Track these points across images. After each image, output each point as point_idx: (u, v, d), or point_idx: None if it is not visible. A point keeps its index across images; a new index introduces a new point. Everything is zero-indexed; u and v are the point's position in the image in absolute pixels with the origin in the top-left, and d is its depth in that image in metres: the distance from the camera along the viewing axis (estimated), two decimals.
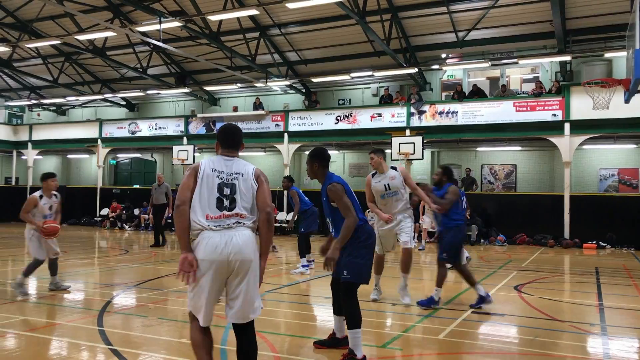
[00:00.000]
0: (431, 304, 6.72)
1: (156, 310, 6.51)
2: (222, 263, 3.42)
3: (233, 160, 3.73)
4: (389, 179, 7.08)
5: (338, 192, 4.51)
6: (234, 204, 3.53)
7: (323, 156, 4.74)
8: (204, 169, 3.60)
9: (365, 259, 4.60)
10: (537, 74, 20.86)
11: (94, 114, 29.38)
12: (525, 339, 5.50)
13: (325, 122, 20.86)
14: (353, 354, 4.34)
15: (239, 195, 3.57)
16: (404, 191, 7.16)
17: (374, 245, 4.77)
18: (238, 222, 3.51)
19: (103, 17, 19.53)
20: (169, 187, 15.21)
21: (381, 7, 17.77)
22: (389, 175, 7.11)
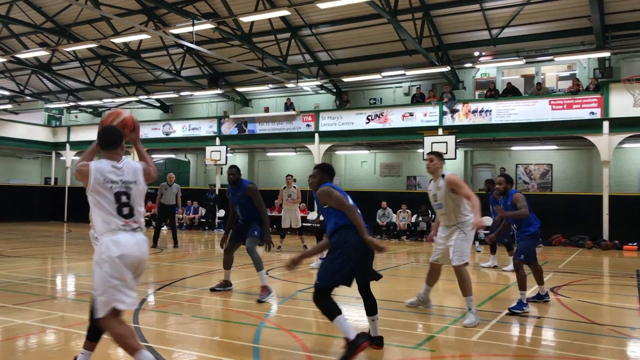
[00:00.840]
0: (522, 307, 6.47)
1: (190, 308, 6.60)
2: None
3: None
4: (436, 189, 6.25)
5: (328, 192, 4.71)
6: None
7: (332, 171, 5.06)
8: None
9: (337, 262, 4.61)
10: (574, 71, 20.36)
11: None
12: (563, 342, 5.37)
13: (356, 122, 20.81)
14: (347, 339, 4.35)
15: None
16: (453, 206, 6.12)
17: (351, 253, 4.64)
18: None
19: (138, 20, 19.93)
20: (179, 187, 14.74)
21: (413, 5, 17.63)
22: (438, 184, 6.23)
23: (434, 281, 6.59)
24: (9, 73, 27.35)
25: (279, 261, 11.88)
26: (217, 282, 7.95)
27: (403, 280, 9.64)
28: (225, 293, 7.68)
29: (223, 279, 7.85)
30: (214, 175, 24.13)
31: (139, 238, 3.82)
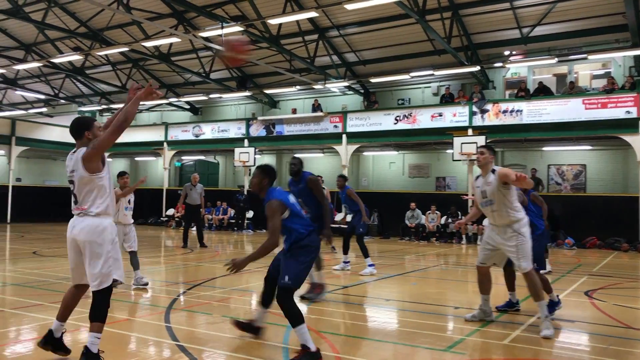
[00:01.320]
0: (556, 306, 6.33)
1: (220, 308, 6.66)
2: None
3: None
4: (486, 185, 5.86)
5: (272, 211, 4.65)
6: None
7: (271, 174, 4.95)
8: None
9: (305, 264, 4.73)
10: (608, 69, 19.86)
11: (160, 118, 30.46)
12: (597, 347, 5.25)
13: (384, 123, 20.72)
14: (307, 347, 4.38)
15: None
16: (505, 202, 5.72)
17: (315, 255, 4.82)
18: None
19: (168, 24, 20.25)
20: (203, 187, 14.80)
21: (441, 4, 17.45)
22: (488, 179, 5.85)
23: (488, 288, 6.07)
24: (44, 77, 28.08)
25: None
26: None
27: (432, 283, 9.55)
28: (249, 294, 7.72)
29: (309, 281, 7.11)
30: (243, 176, 24.32)
31: (76, 221, 4.23)
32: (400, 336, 5.54)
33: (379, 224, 20.85)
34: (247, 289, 8.31)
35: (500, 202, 5.71)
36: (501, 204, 5.71)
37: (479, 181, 6.02)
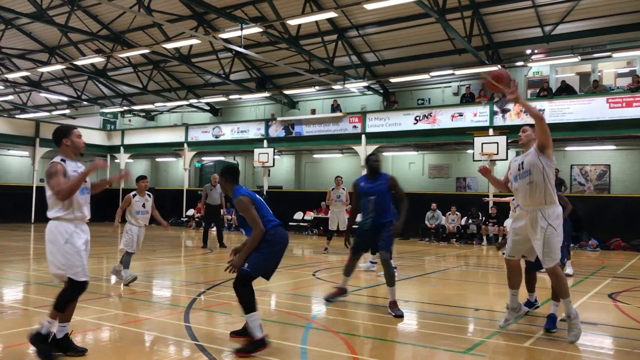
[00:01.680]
0: (531, 307, 6.48)
1: (238, 308, 6.66)
2: None
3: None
4: (525, 156, 5.49)
5: (245, 205, 4.82)
6: None
7: (230, 172, 5.15)
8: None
9: (265, 254, 4.89)
10: (633, 67, 19.48)
11: (180, 119, 30.74)
12: (622, 350, 5.14)
13: (404, 123, 20.61)
14: (253, 337, 4.66)
15: None
16: (544, 177, 5.24)
17: (279, 247, 4.98)
18: None
19: (188, 25, 20.43)
20: None
21: (462, 3, 17.33)
22: (530, 152, 5.47)
23: (518, 282, 5.63)
24: (67, 79, 28.56)
25: (326, 262, 11.90)
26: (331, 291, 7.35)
27: (452, 284, 9.46)
28: (268, 294, 7.74)
29: (338, 287, 7.25)
30: (262, 177, 24.41)
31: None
32: (419, 338, 5.49)
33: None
34: (266, 289, 8.32)
35: (538, 173, 5.23)
36: (539, 176, 5.22)
37: (518, 156, 5.68)
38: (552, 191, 5.27)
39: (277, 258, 5.03)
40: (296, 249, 15.66)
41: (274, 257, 5.01)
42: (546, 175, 5.24)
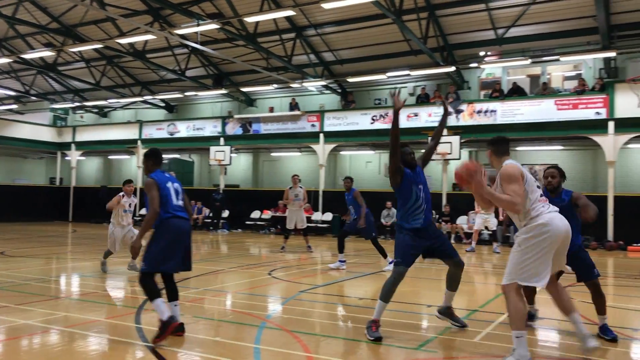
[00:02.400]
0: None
1: (192, 308, 6.60)
2: None
3: None
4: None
5: (148, 187, 5.19)
6: None
7: (156, 155, 5.53)
8: None
9: (158, 246, 5.14)
10: (579, 71, 20.27)
11: (134, 116, 30.09)
12: (565, 343, 5.34)
13: (361, 122, 20.80)
14: (161, 320, 4.91)
15: None
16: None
17: (173, 238, 5.18)
18: None
19: (143, 20, 20.00)
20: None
21: (418, 5, 17.60)
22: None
23: (563, 305, 4.88)
24: (14, 73, 27.48)
25: (282, 261, 11.89)
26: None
27: (406, 281, 9.56)
28: (224, 294, 7.67)
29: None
30: (218, 175, 24.16)
31: None
32: None
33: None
34: (221, 289, 8.26)
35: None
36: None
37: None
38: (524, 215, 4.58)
39: (173, 248, 5.16)
40: (253, 248, 15.58)
41: (170, 248, 5.15)
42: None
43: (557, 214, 4.57)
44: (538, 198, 4.56)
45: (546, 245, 4.42)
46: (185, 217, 5.35)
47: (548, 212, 4.52)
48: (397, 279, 5.35)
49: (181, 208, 5.34)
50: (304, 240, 14.27)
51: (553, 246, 4.46)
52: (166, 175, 5.40)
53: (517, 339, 4.34)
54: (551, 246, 4.45)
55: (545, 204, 4.58)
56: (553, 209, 4.60)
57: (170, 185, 5.31)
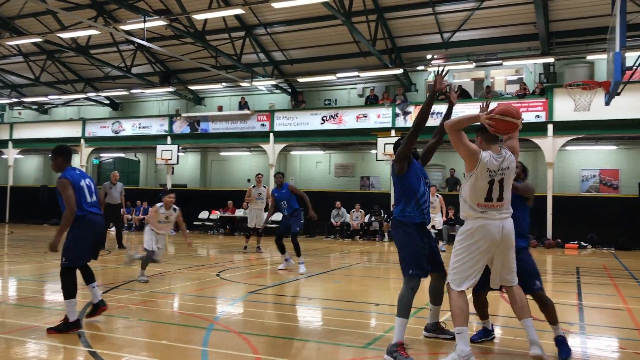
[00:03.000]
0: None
1: (137, 311, 6.45)
2: None
3: None
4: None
5: (62, 186, 5.34)
6: None
7: (65, 152, 5.63)
8: None
9: (75, 241, 5.45)
10: (521, 75, 21.06)
11: (77, 113, 29.07)
12: (507, 338, 5.55)
13: (312, 122, 20.86)
14: (67, 318, 5.29)
15: None
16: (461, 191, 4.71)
17: (88, 232, 5.54)
18: None
19: (86, 15, 19.34)
20: (123, 186, 14.23)
21: (367, 7, 17.81)
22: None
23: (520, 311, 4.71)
24: None
25: (231, 262, 11.78)
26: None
27: (355, 280, 9.72)
28: (171, 297, 7.54)
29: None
30: (165, 174, 23.67)
31: None
32: (322, 335, 5.59)
33: (305, 222, 20.93)
34: (169, 291, 8.10)
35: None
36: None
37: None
38: (464, 207, 4.57)
39: (91, 243, 5.60)
40: (201, 249, 15.35)
41: (88, 243, 5.56)
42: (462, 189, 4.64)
43: (493, 221, 4.37)
44: (482, 201, 4.40)
45: (473, 250, 4.39)
46: (99, 213, 5.71)
47: (484, 217, 4.39)
48: (415, 291, 4.81)
49: (95, 204, 5.64)
50: (254, 241, 14.20)
51: (483, 254, 4.40)
52: (77, 173, 5.57)
53: (458, 334, 4.38)
54: (480, 253, 4.39)
55: (487, 209, 4.39)
56: (491, 215, 4.39)
57: (83, 184, 5.52)
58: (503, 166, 4.44)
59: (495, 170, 4.41)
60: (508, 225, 4.45)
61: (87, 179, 5.60)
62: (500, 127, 4.31)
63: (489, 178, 4.39)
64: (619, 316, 6.77)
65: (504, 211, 4.46)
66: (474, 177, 4.43)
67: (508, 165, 4.49)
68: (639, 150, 19.42)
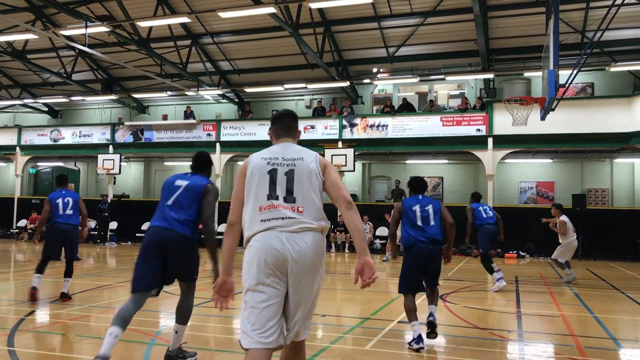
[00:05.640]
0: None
1: (74, 327, 6.19)
2: None
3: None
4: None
5: (45, 201, 7.17)
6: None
7: (60, 179, 7.79)
8: None
9: (48, 243, 7.53)
10: (463, 90, 21.77)
11: (12, 120, 27.80)
12: (449, 347, 5.67)
13: (259, 133, 20.78)
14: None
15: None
16: None
17: (56, 237, 7.72)
18: None
19: (24, 18, 18.57)
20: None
21: (314, 20, 17.98)
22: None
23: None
24: None
25: None
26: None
27: None
28: (111, 311, 7.28)
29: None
30: (107, 184, 22.93)
31: None
32: None
33: None
34: (109, 305, 7.82)
35: None
36: None
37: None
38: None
39: (55, 243, 7.68)
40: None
41: (53, 244, 7.65)
42: None
43: None
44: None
45: None
46: (67, 222, 7.70)
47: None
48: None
49: (67, 216, 7.69)
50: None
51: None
52: (62, 193, 7.84)
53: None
54: None
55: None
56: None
57: (59, 201, 7.68)
58: None
59: None
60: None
61: (67, 197, 7.79)
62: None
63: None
64: (555, 323, 7.06)
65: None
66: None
67: None
68: (572, 163, 20.42)
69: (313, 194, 3.11)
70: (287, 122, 3.61)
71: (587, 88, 20.25)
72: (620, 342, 6.04)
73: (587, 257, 17.01)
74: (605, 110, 17.45)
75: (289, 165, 3.22)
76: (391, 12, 18.19)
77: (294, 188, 3.09)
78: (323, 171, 3.22)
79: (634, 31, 17.80)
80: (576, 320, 7.25)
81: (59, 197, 7.71)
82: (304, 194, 3.09)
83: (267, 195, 3.08)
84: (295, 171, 3.17)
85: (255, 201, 3.08)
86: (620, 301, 9.09)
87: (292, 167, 3.20)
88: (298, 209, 3.05)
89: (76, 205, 7.86)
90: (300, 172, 3.16)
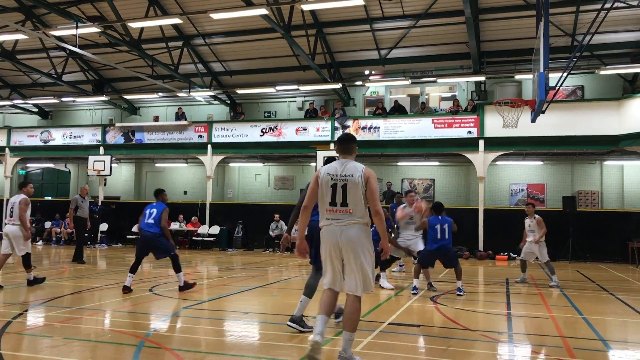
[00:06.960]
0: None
1: (63, 329, 6.14)
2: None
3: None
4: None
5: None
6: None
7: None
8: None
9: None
10: (454, 92, 21.85)
11: (1, 121, 27.62)
12: (439, 349, 5.67)
13: (251, 134, 20.76)
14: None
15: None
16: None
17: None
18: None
19: (13, 18, 18.45)
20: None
21: (306, 22, 18.00)
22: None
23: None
24: None
25: (165, 277, 11.46)
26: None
27: (293, 294, 9.66)
28: (101, 313, 7.24)
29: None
30: (97, 186, 22.81)
31: None
32: (258, 349, 5.52)
33: (244, 235, 20.74)
34: (98, 307, 7.77)
35: None
36: None
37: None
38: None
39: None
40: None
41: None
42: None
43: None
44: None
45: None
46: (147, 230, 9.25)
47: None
48: None
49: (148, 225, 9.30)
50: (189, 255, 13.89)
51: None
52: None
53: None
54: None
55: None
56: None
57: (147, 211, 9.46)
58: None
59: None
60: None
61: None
62: None
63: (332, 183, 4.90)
64: (544, 324, 7.09)
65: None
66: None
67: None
68: (563, 165, 20.55)
69: (359, 200, 4.73)
70: (347, 144, 5.09)
71: (577, 91, 20.40)
72: (609, 343, 6.07)
73: (577, 259, 17.12)
74: (595, 113, 17.59)
75: (344, 181, 4.78)
76: (383, 15, 18.24)
77: (347, 197, 4.74)
78: (366, 182, 4.73)
79: (623, 34, 17.96)
80: (566, 322, 7.28)
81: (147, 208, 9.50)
82: (354, 200, 4.73)
83: (330, 202, 4.81)
84: (348, 185, 4.76)
85: (323, 204, 4.87)
86: (609, 303, 9.15)
87: (346, 181, 4.77)
88: (349, 211, 4.74)
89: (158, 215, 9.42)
90: (351, 185, 4.75)
